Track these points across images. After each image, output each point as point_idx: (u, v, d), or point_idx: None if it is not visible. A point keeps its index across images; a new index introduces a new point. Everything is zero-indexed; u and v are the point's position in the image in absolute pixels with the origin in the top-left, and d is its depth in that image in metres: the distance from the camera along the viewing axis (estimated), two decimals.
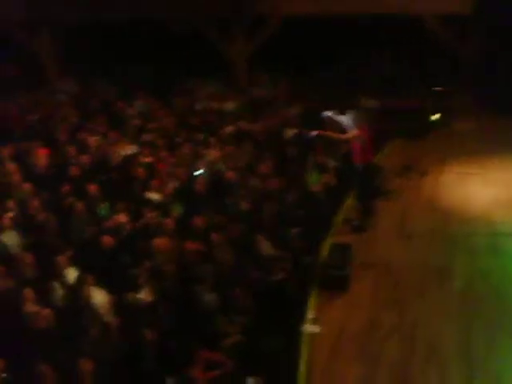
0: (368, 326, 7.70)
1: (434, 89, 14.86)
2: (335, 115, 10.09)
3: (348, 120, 9.52)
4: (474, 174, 11.77)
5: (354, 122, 9.47)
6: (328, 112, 10.13)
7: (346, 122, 9.60)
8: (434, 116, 14.27)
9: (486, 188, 11.18)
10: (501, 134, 13.12)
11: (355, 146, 9.56)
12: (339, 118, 9.89)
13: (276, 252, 8.86)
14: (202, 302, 7.50)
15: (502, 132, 13.26)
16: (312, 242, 9.29)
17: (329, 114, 10.08)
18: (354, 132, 9.46)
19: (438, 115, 14.29)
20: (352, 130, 9.49)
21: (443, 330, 7.50)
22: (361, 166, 9.60)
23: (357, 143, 9.50)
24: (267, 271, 8.44)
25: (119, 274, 7.89)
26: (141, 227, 9.05)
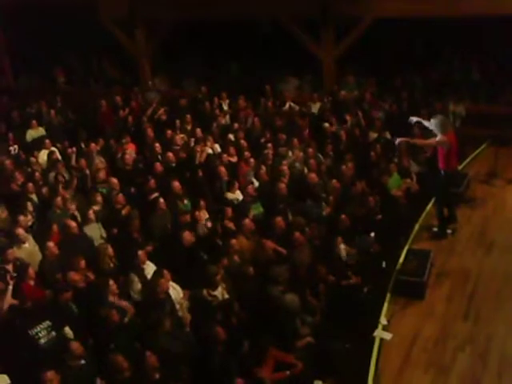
0: (441, 336, 7.56)
1: None
2: (422, 119, 9.94)
3: (435, 125, 9.27)
4: None
5: (441, 126, 9.21)
6: (415, 117, 9.99)
7: (432, 127, 9.37)
8: None
9: None
10: None
11: (440, 151, 9.31)
12: (426, 123, 9.71)
13: (353, 256, 8.81)
14: (283, 302, 7.52)
15: None
16: (390, 247, 9.16)
17: (416, 119, 9.94)
18: (441, 137, 9.21)
19: None
20: (438, 135, 9.25)
21: None
22: (445, 171, 9.33)
23: (442, 149, 9.25)
24: (343, 274, 8.41)
25: (196, 270, 8.04)
26: (220, 225, 9.20)
